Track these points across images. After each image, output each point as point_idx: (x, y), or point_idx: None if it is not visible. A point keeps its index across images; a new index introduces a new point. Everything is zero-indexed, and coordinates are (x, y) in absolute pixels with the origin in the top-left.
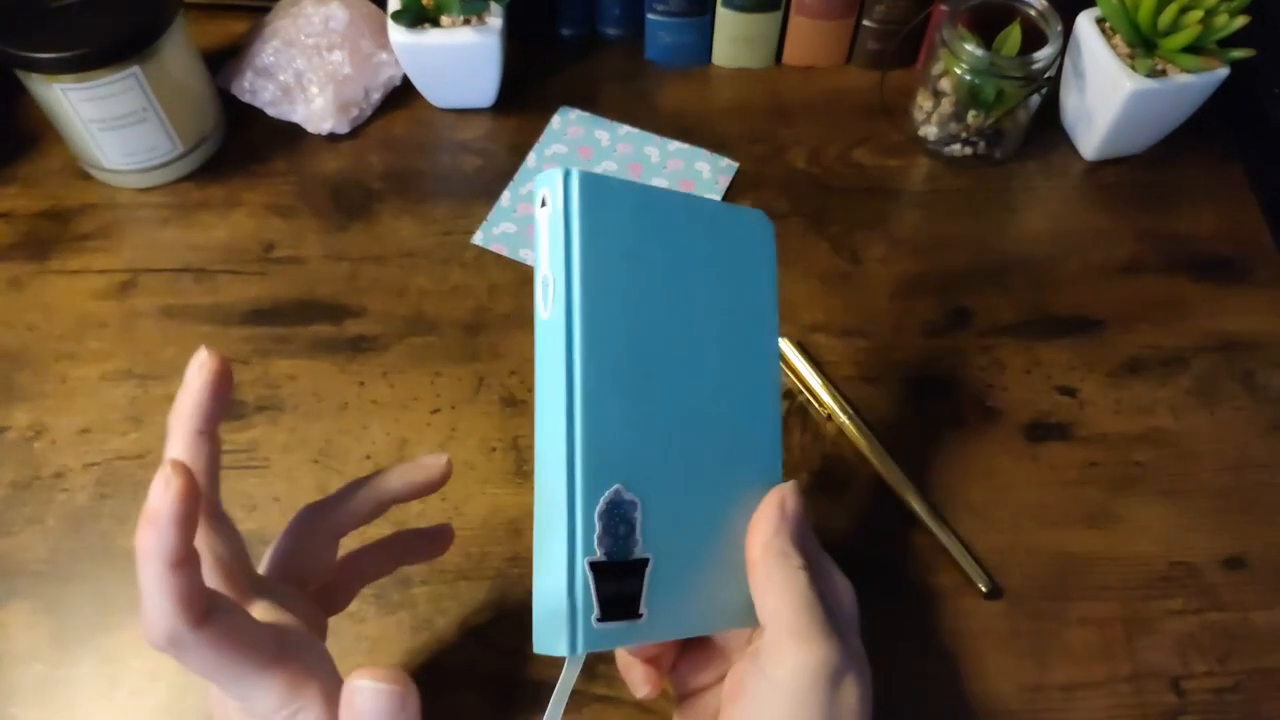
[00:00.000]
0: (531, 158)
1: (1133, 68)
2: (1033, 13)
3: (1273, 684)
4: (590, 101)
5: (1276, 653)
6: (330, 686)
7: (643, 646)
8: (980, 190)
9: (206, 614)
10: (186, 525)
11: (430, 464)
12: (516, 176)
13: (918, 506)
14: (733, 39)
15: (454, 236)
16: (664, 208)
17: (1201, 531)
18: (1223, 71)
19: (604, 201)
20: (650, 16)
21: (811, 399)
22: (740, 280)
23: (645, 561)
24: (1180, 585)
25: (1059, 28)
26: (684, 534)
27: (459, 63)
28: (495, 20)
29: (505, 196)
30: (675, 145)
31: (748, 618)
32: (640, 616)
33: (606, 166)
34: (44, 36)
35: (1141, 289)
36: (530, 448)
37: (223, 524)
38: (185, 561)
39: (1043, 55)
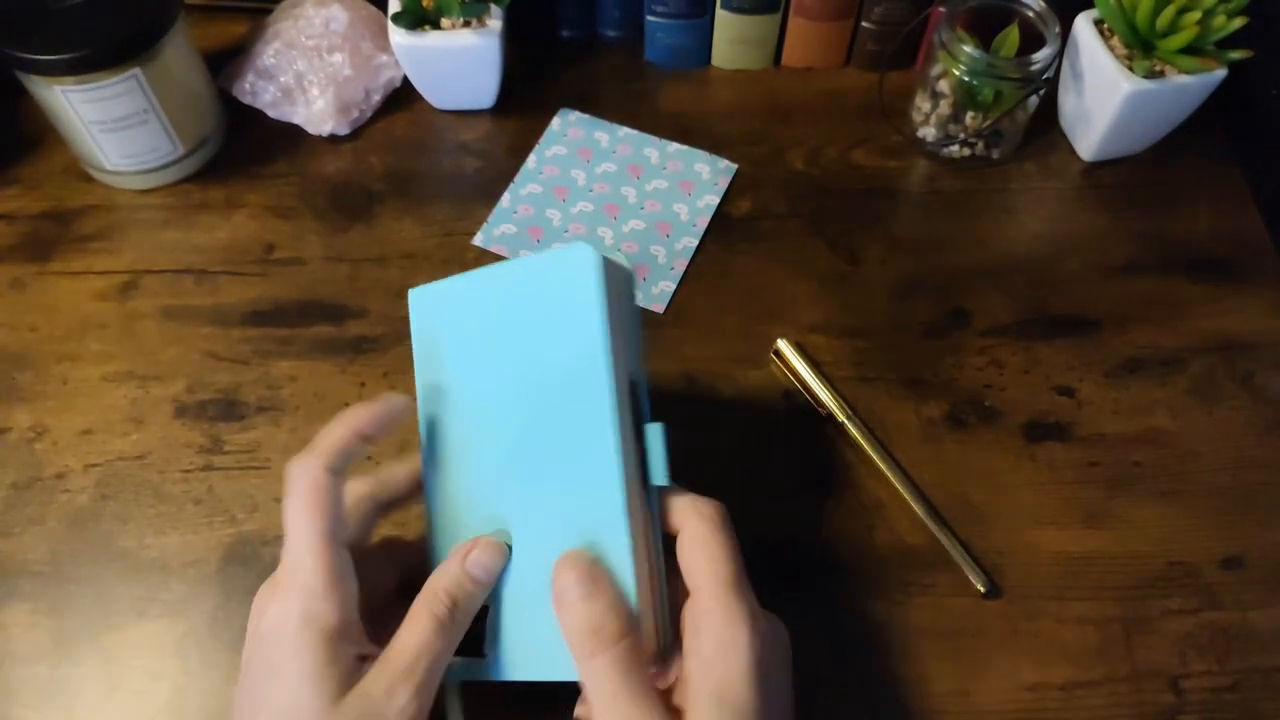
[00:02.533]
0: (532, 159)
1: (1130, 69)
2: (1031, 14)
3: (1271, 683)
4: (590, 103)
5: (1275, 652)
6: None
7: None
8: (978, 191)
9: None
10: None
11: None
12: (517, 178)
13: (916, 506)
14: (732, 41)
15: (454, 238)
16: (482, 288)
17: (1200, 531)
18: (1220, 72)
19: (427, 308)
20: (650, 18)
21: (810, 399)
22: (566, 326)
23: (485, 609)
24: (1179, 585)
25: (1057, 29)
26: (524, 585)
27: (459, 64)
28: (495, 22)
29: (505, 198)
30: (675, 147)
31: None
32: (484, 656)
33: (606, 168)
34: (45, 38)
35: (1140, 289)
36: None
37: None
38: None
39: (1041, 56)
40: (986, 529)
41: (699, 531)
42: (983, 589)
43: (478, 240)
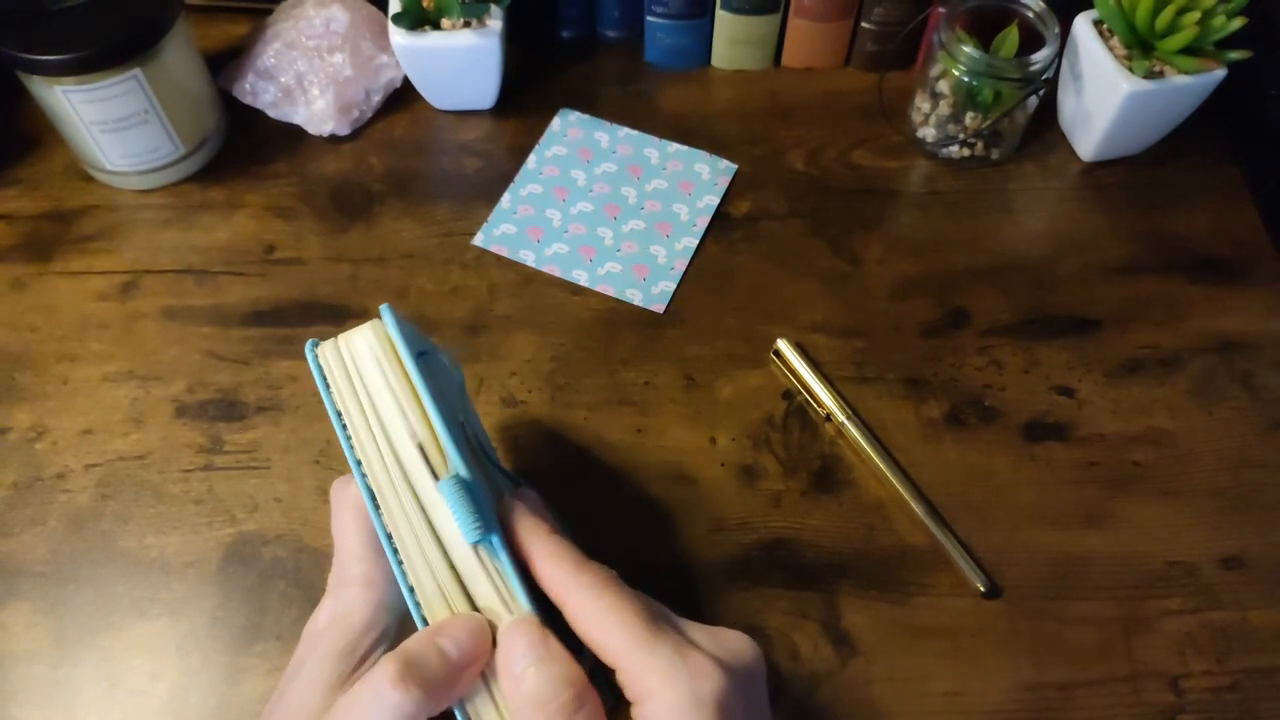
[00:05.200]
0: (532, 159)
1: (1130, 69)
2: (1030, 14)
3: (1271, 683)
4: (590, 103)
5: (1274, 652)
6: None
7: None
8: (978, 191)
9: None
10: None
11: None
12: (517, 178)
13: (916, 506)
14: (732, 41)
15: (454, 238)
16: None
17: (1200, 531)
18: (1220, 73)
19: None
20: (650, 19)
21: (810, 399)
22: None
23: None
24: (1178, 585)
25: (1056, 29)
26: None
27: (459, 65)
28: (495, 22)
29: (505, 198)
30: (675, 147)
31: None
32: None
33: (606, 168)
34: (46, 39)
35: (1139, 289)
36: (528, 447)
37: None
38: None
39: (1040, 57)
40: (986, 529)
41: (577, 604)
42: (983, 589)
43: (478, 240)
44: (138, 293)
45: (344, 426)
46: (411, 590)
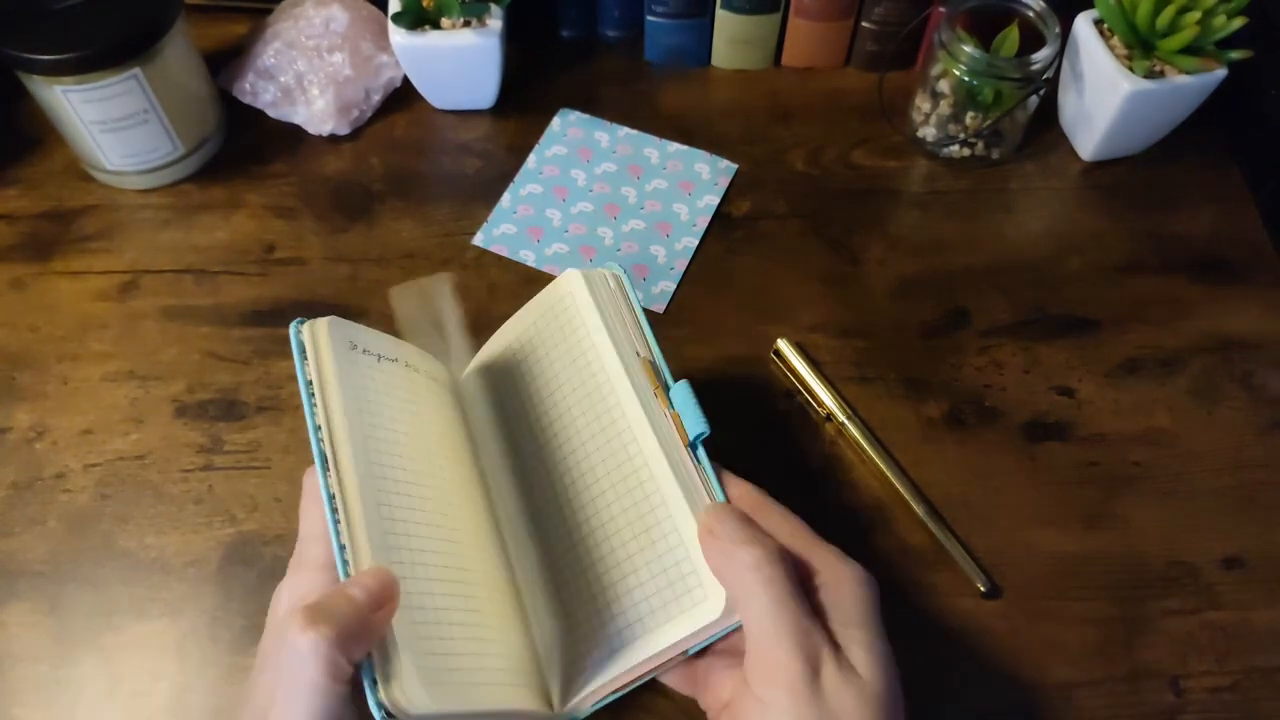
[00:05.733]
0: (532, 159)
1: (1130, 69)
2: (1031, 14)
3: (1271, 683)
4: (590, 103)
5: (1275, 652)
6: None
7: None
8: (978, 191)
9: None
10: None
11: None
12: (517, 178)
13: (916, 506)
14: (732, 40)
15: (454, 238)
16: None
17: (1200, 531)
18: (1220, 72)
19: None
20: (650, 18)
21: (810, 399)
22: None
23: None
24: (1178, 585)
25: (1057, 29)
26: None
27: (459, 64)
28: (495, 22)
29: (505, 198)
30: (675, 147)
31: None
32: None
33: (606, 168)
34: (45, 38)
35: (1139, 289)
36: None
37: None
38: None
39: (1041, 56)
40: (986, 529)
41: (765, 506)
42: (983, 589)
43: (478, 240)
44: (137, 293)
45: (311, 395)
46: (342, 549)
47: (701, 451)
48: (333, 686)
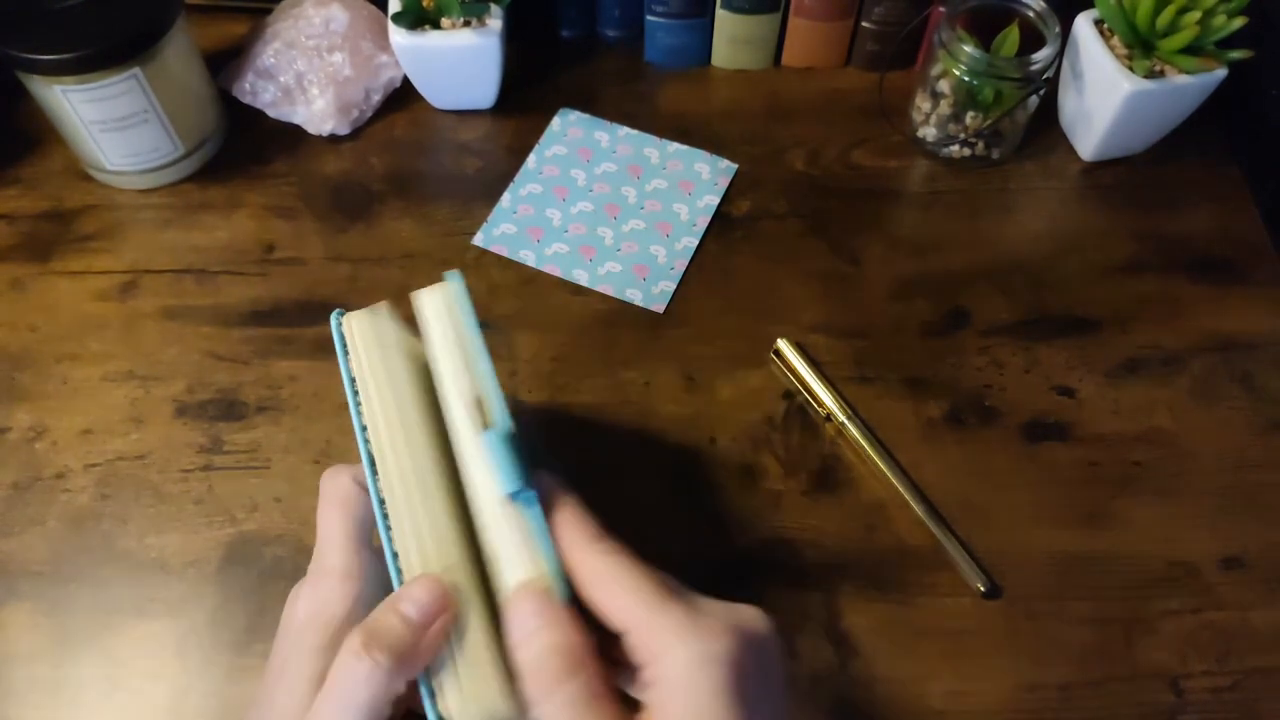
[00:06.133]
0: (532, 159)
1: (1131, 69)
2: (1031, 14)
3: (1271, 683)
4: (590, 103)
5: (1275, 652)
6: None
7: None
8: (979, 191)
9: None
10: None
11: None
12: (517, 178)
13: (916, 506)
14: (732, 40)
15: (454, 238)
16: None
17: (1200, 531)
18: (1221, 72)
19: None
20: (650, 18)
21: (810, 399)
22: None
23: None
24: (1179, 585)
25: (1057, 29)
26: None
27: (459, 64)
28: (495, 22)
29: (506, 198)
30: (675, 147)
31: None
32: None
33: (606, 168)
34: (45, 38)
35: (1140, 289)
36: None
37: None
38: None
39: (1041, 56)
40: (986, 529)
41: (590, 568)
42: (982, 589)
43: (478, 240)
44: (137, 292)
45: (356, 393)
46: (395, 556)
47: (526, 508)
48: (385, 709)
